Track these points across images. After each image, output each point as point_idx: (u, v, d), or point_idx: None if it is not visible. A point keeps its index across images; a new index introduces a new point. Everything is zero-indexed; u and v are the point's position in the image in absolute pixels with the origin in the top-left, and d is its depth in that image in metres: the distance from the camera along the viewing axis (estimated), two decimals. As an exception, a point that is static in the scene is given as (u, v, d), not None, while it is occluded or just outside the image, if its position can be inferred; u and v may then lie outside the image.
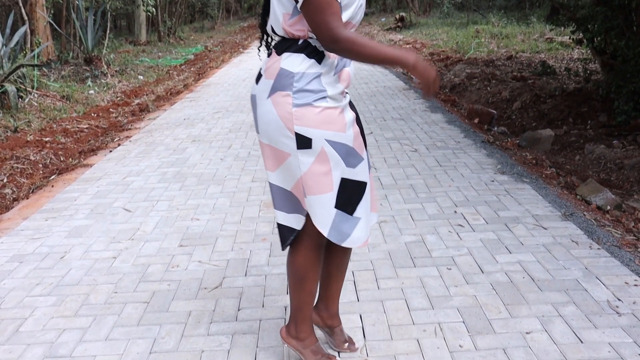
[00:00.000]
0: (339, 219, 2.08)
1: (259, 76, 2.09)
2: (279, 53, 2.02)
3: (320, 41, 1.88)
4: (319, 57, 1.97)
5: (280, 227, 2.21)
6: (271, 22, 2.05)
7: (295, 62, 1.97)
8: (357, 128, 2.13)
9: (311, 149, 1.99)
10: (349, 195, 2.08)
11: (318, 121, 1.96)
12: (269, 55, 2.10)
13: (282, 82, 1.98)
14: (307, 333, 2.36)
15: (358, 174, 2.10)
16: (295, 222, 2.17)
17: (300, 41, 1.98)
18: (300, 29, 1.96)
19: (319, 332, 2.52)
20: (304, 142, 1.98)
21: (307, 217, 2.14)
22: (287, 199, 2.15)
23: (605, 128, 6.27)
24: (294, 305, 2.31)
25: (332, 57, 1.99)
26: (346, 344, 2.49)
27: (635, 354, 2.41)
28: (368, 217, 2.19)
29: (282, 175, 2.11)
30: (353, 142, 2.06)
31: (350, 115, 2.08)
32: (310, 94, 1.95)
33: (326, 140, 1.98)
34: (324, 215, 2.07)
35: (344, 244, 2.12)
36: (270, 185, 2.17)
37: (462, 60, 11.07)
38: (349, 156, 2.06)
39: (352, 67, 2.09)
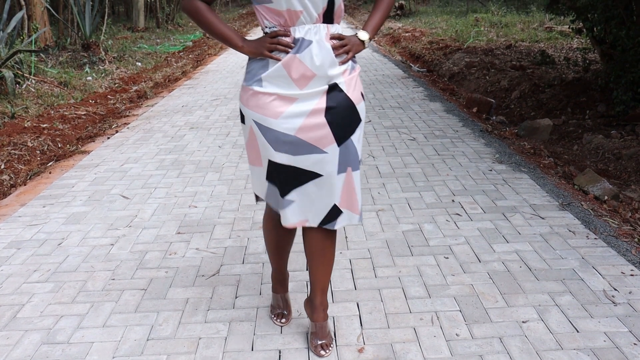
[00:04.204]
0: (271, 190, 2.25)
1: None
2: None
3: None
4: None
5: None
6: None
7: None
8: (319, 120, 2.10)
9: (245, 125, 2.23)
10: (277, 177, 2.19)
11: (250, 102, 2.16)
12: None
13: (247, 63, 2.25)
14: (274, 279, 2.64)
15: (303, 162, 2.13)
16: None
17: (263, 30, 2.17)
18: (260, 20, 2.14)
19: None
20: (242, 117, 2.24)
21: None
22: None
23: (604, 118, 6.26)
24: None
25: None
26: (315, 347, 2.41)
27: (630, 343, 2.42)
28: (312, 202, 2.19)
29: None
30: (297, 131, 2.09)
31: (305, 104, 2.09)
32: (248, 75, 2.18)
33: (254, 121, 2.15)
34: (258, 184, 2.31)
35: (279, 213, 2.25)
36: None
37: (461, 48, 11.04)
38: (283, 143, 2.11)
39: (312, 54, 2.05)
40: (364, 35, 2.18)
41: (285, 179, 2.16)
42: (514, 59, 9.60)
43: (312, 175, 2.15)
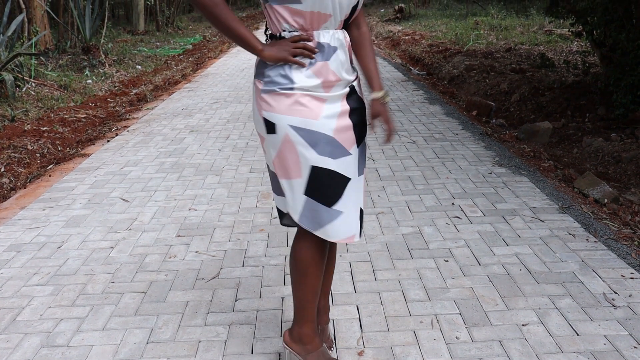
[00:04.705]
0: (310, 206, 2.03)
1: None
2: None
3: None
4: None
5: (277, 207, 2.25)
6: None
7: None
8: (347, 122, 2.05)
9: (276, 134, 1.99)
10: (321, 185, 2.01)
11: (282, 107, 1.96)
12: None
13: (258, 70, 2.05)
14: (310, 336, 2.21)
15: (340, 166, 2.02)
16: (282, 204, 2.19)
17: (278, 34, 2.01)
18: (273, 23, 2.01)
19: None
20: (270, 127, 2.00)
21: None
22: (273, 180, 2.18)
23: (604, 121, 6.26)
24: (296, 303, 2.21)
25: None
26: None
27: (630, 346, 2.42)
28: (354, 212, 2.09)
29: (265, 156, 2.13)
30: (334, 132, 1.99)
31: (334, 106, 2.02)
32: (277, 83, 1.97)
33: (290, 126, 1.96)
34: (294, 200, 2.04)
35: (317, 233, 2.05)
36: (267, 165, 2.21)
37: (461, 52, 11.04)
38: (325, 144, 1.98)
39: (339, 60, 2.02)
40: (379, 95, 2.21)
41: (329, 185, 2.01)
42: (514, 62, 9.60)
43: (346, 180, 2.05)
